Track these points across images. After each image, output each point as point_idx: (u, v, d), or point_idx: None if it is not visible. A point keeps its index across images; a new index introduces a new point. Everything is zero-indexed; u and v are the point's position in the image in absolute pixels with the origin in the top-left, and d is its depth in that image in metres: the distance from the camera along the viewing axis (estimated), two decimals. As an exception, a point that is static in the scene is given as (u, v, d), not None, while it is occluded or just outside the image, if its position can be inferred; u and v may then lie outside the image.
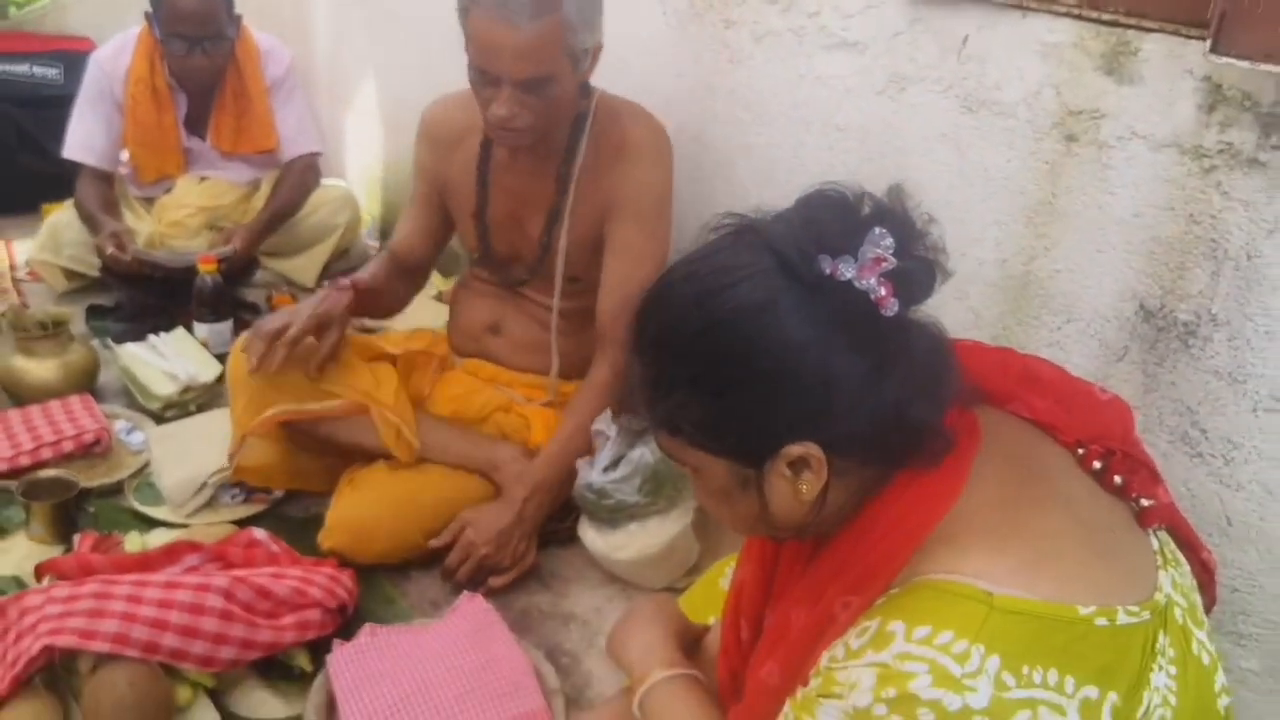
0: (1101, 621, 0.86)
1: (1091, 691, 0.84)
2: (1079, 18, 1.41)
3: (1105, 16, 1.37)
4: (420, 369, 2.13)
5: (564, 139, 1.93)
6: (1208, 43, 1.15)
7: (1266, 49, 1.10)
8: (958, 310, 1.63)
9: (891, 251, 0.86)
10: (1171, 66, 1.31)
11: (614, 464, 1.81)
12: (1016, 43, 1.49)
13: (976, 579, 0.85)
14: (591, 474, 1.82)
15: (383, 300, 2.17)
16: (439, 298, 2.93)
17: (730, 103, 2.02)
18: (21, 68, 3.60)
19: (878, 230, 0.86)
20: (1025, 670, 0.82)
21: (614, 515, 1.84)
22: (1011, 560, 0.87)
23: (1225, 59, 1.13)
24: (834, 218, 0.89)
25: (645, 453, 1.80)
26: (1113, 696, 0.85)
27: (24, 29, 3.85)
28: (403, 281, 2.20)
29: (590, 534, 1.90)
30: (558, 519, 2.00)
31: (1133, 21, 1.34)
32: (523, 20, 1.68)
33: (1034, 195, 1.51)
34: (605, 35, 1.85)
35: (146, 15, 2.83)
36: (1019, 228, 1.53)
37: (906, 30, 1.65)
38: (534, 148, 1.89)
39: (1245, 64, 1.13)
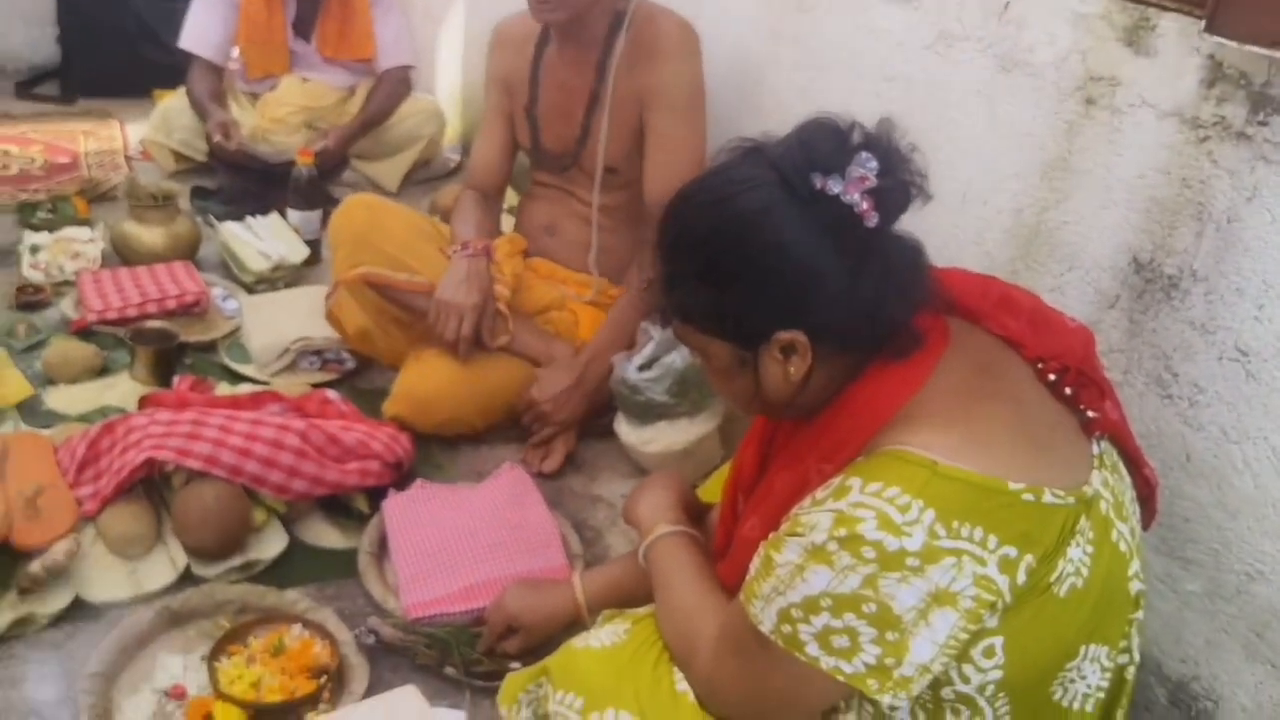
0: (1028, 497, 1.01)
1: (1010, 551, 1.00)
2: (1108, -9, 1.54)
3: (1131, -7, 1.51)
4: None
5: (603, 33, 2.12)
6: (1203, 22, 1.29)
7: (1254, 31, 1.23)
8: (974, 253, 1.78)
9: (875, 173, 1.03)
10: (1183, 44, 1.43)
11: (649, 364, 1.99)
12: (1051, 10, 1.62)
13: (927, 450, 1.01)
14: (627, 369, 2.00)
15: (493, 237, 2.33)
16: (510, 210, 3.12)
17: (793, 48, 2.17)
18: (142, -41, 3.78)
19: (864, 154, 1.03)
20: (956, 525, 0.98)
21: (644, 412, 2.02)
22: (958, 439, 1.03)
23: (1216, 38, 1.27)
24: (826, 142, 1.06)
25: (677, 359, 1.96)
26: (1029, 558, 1.01)
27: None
28: (494, 213, 2.40)
29: (624, 427, 2.09)
30: (597, 415, 2.19)
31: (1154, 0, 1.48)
32: None
33: (1052, 152, 1.64)
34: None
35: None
36: (1035, 180, 1.67)
37: (957, -9, 1.78)
38: (577, 38, 2.10)
39: (1234, 44, 1.26)
